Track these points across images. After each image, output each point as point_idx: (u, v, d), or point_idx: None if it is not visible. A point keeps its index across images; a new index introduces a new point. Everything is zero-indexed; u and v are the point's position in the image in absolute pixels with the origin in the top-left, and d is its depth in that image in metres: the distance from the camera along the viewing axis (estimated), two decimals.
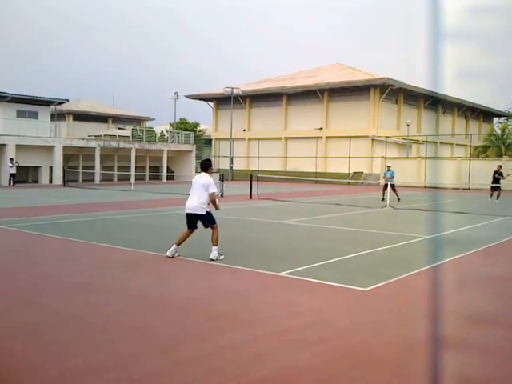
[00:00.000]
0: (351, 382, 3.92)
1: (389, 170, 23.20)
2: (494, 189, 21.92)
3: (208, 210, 8.74)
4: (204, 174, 8.84)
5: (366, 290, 6.70)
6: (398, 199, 22.22)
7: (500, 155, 39.45)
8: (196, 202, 8.66)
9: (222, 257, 8.63)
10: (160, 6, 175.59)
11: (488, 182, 23.57)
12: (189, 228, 8.86)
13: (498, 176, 21.93)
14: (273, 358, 4.36)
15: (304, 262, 8.37)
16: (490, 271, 8.19)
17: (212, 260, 8.50)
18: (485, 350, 4.67)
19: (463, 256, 9.29)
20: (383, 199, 21.60)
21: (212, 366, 4.18)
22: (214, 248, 8.62)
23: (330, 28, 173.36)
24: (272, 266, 8.04)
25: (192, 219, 8.81)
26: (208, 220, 8.76)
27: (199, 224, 8.87)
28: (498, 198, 21.54)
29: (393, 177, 23.13)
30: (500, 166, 22.43)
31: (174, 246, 8.81)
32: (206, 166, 8.96)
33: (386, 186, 22.07)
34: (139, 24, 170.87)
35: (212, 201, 8.73)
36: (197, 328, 5.16)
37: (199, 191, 8.67)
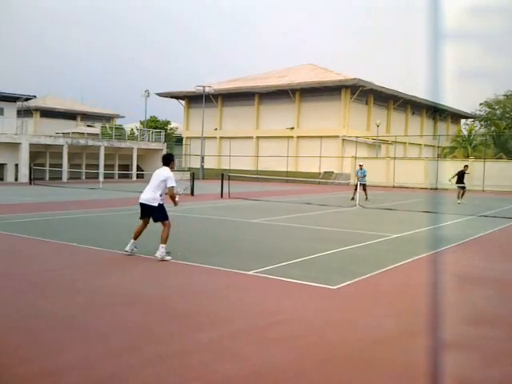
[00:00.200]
0: (319, 378, 3.89)
1: (361, 169, 23.31)
2: (459, 188, 22.26)
3: (161, 203, 8.52)
4: (164, 168, 8.66)
5: (334, 288, 6.71)
6: (366, 198, 22.42)
7: (467, 156, 40.32)
8: (149, 194, 8.52)
9: (168, 257, 8.31)
10: (134, 4, 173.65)
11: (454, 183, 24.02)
12: (141, 218, 8.69)
13: (461, 177, 22.13)
14: (240, 356, 4.31)
15: (274, 261, 8.34)
16: (454, 269, 8.31)
17: (156, 257, 8.27)
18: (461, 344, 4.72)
19: (430, 254, 9.42)
20: (353, 198, 21.74)
21: (178, 365, 4.10)
22: (162, 246, 8.34)
23: (302, 28, 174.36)
24: (242, 265, 7.98)
25: (144, 210, 8.62)
26: (159, 213, 8.52)
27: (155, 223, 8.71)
28: (462, 197, 21.88)
29: (365, 176, 23.27)
30: (466, 166, 22.72)
31: (132, 240, 8.67)
32: (168, 160, 8.78)
33: (362, 185, 22.18)
34: (114, 17, 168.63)
35: (170, 196, 8.58)
36: (162, 328, 5.06)
37: (156, 183, 8.51)
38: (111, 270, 7.82)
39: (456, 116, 61.80)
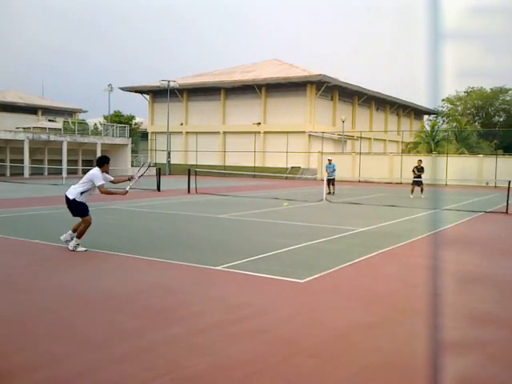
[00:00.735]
0: (286, 372, 3.89)
1: (330, 164, 23.52)
2: (416, 183, 22.36)
3: (77, 199, 8.62)
4: (94, 168, 8.90)
5: (302, 281, 6.73)
6: (333, 193, 22.69)
7: (430, 151, 41.18)
8: (71, 188, 8.77)
9: (82, 249, 8.51)
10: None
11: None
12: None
13: (418, 172, 22.26)
14: (207, 351, 4.27)
15: (242, 256, 8.32)
16: (419, 261, 8.46)
17: (68, 248, 8.51)
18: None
19: (394, 248, 9.57)
20: (330, 192, 22.26)
21: (144, 362, 4.03)
22: (75, 239, 8.57)
23: (269, 22, 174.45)
24: (210, 261, 7.93)
25: (66, 204, 8.81)
26: (76, 207, 8.67)
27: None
28: (422, 192, 22.10)
29: (334, 170, 23.54)
30: (420, 161, 22.84)
31: (70, 231, 8.77)
32: (101, 162, 8.96)
33: (329, 180, 22.51)
34: (76, 14, 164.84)
35: (104, 192, 8.78)
36: (128, 324, 4.97)
37: (82, 180, 8.78)
38: (73, 266, 7.64)
39: (419, 112, 63.03)
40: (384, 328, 5.02)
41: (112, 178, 9.18)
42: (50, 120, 54.46)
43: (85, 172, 37.48)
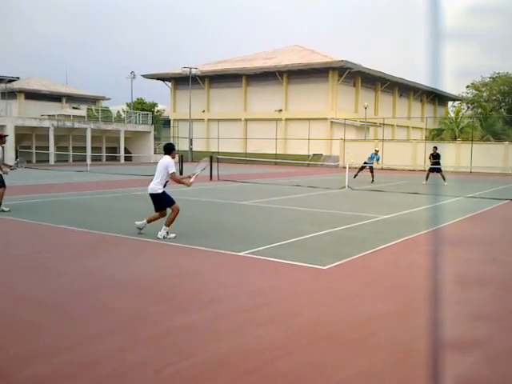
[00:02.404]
0: (308, 357, 3.94)
1: (376, 154, 23.90)
2: (432, 170, 22.21)
3: (162, 191, 8.81)
4: (165, 157, 8.96)
5: (324, 268, 6.77)
6: (372, 180, 23.19)
7: (454, 138, 40.54)
8: (153, 183, 8.85)
9: (172, 235, 8.70)
10: None
11: (443, 164, 24.19)
12: (156, 211, 8.99)
13: (434, 159, 22.09)
14: (231, 336, 4.34)
15: (264, 242, 8.38)
16: (441, 250, 8.40)
17: (159, 238, 8.59)
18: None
19: (417, 236, 9.52)
20: (373, 181, 22.94)
21: (169, 345, 4.12)
22: (164, 228, 8.72)
23: (289, 9, 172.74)
24: (232, 247, 8.01)
25: (152, 199, 8.95)
26: (163, 200, 8.84)
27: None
28: (444, 179, 21.91)
29: (372, 158, 24.08)
30: (435, 148, 22.62)
31: (145, 221, 9.00)
32: (169, 150, 9.06)
33: (363, 167, 23.43)
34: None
35: (176, 180, 8.97)
36: (153, 308, 5.08)
37: (158, 172, 8.83)
38: (98, 252, 7.80)
39: (443, 98, 61.96)
40: (405, 317, 5.03)
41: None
42: (73, 107, 55.02)
43: (108, 159, 37.76)
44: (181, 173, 23.66)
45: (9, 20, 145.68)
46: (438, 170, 21.95)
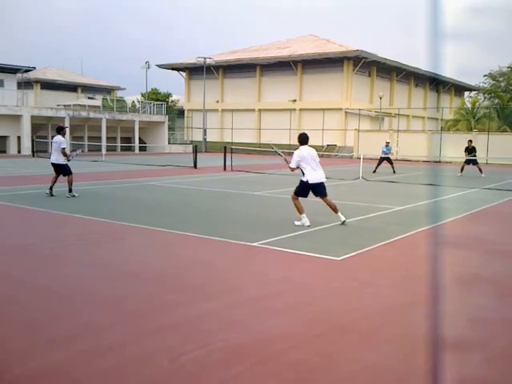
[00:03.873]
0: (325, 347, 3.95)
1: (387, 146, 24.01)
2: (468, 162, 22.03)
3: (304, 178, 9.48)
4: (305, 147, 9.46)
5: (338, 259, 6.76)
6: (394, 171, 23.35)
7: (470, 129, 40.03)
8: (322, 173, 9.58)
9: (305, 220, 9.17)
10: None
11: (458, 155, 23.95)
12: (302, 196, 9.60)
13: (470, 154, 21.89)
14: (244, 326, 4.36)
15: (278, 233, 8.38)
16: (455, 241, 8.34)
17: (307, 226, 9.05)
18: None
19: (431, 227, 9.44)
20: (394, 171, 23.22)
21: (182, 334, 4.15)
22: (300, 214, 9.31)
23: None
24: (246, 237, 8.02)
25: (315, 188, 9.51)
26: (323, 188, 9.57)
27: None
28: (481, 171, 21.68)
29: (390, 151, 24.33)
30: (470, 141, 22.41)
31: (304, 215, 9.32)
32: (306, 140, 9.55)
33: (381, 161, 23.69)
34: None
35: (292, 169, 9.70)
36: (166, 298, 5.11)
37: (302, 166, 9.37)
38: (114, 241, 7.87)
39: (459, 88, 61.15)
40: (419, 308, 5.01)
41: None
42: (89, 97, 55.34)
43: (123, 149, 38.02)
44: (194, 164, 23.73)
45: (26, 15, 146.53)
46: (475, 162, 21.94)
